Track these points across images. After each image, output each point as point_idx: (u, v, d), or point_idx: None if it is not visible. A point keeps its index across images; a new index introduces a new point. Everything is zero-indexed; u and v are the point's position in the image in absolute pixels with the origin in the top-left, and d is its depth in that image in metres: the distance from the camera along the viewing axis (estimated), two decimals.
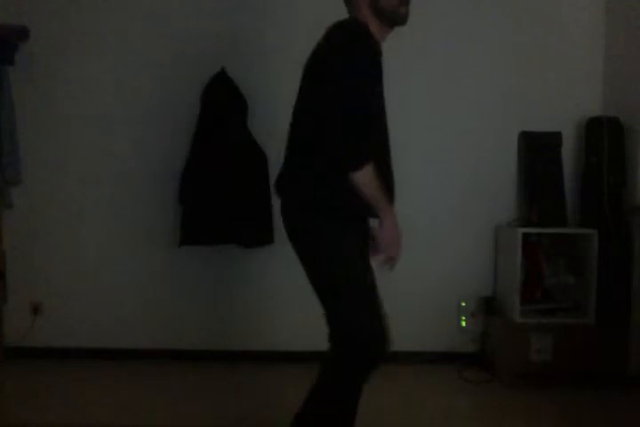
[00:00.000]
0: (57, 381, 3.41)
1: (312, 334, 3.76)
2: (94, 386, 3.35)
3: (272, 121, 3.53)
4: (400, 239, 2.11)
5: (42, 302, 3.74)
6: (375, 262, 2.16)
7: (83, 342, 3.73)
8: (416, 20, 3.66)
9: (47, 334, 3.73)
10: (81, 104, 3.71)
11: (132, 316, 3.75)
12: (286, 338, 3.74)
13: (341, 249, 2.07)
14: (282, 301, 3.73)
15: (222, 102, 3.61)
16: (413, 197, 3.70)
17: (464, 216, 3.78)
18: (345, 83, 1.95)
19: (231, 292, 3.76)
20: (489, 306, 3.74)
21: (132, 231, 3.75)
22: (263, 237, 3.61)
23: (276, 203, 3.81)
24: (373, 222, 2.13)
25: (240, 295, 3.76)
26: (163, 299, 3.76)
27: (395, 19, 2.13)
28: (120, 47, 3.70)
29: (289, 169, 2.16)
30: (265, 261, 3.72)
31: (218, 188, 3.55)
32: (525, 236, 3.49)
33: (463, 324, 3.79)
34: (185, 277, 3.76)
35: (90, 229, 3.75)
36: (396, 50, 3.64)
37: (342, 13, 2.17)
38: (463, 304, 3.79)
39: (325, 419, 2.12)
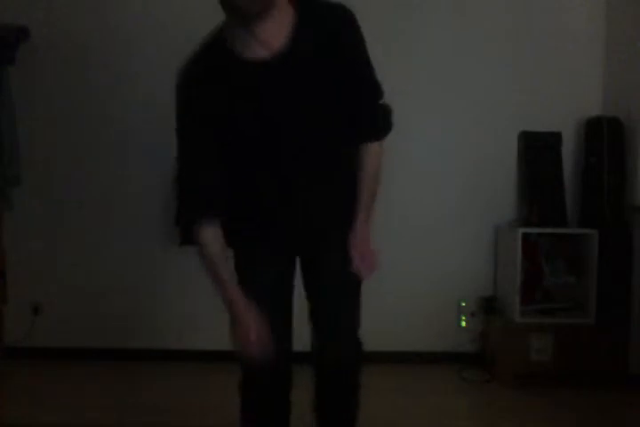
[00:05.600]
0: (57, 381, 3.41)
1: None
2: (94, 386, 3.35)
3: None
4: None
5: (42, 302, 3.74)
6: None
7: (83, 342, 3.73)
8: (417, 20, 3.72)
9: (47, 334, 3.73)
10: (81, 104, 3.71)
11: (133, 316, 3.75)
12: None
13: None
14: None
15: None
16: (413, 197, 3.72)
17: (464, 216, 3.77)
18: None
19: None
20: (489, 306, 3.73)
21: (133, 231, 3.75)
22: None
23: None
24: None
25: None
26: (163, 299, 3.76)
27: (227, 10, 1.64)
28: (120, 47, 3.70)
29: None
30: None
31: None
32: (525, 236, 3.48)
33: (463, 324, 3.79)
34: (185, 277, 3.75)
35: (90, 228, 3.75)
36: (396, 49, 3.68)
37: None
38: (463, 304, 3.79)
39: None
